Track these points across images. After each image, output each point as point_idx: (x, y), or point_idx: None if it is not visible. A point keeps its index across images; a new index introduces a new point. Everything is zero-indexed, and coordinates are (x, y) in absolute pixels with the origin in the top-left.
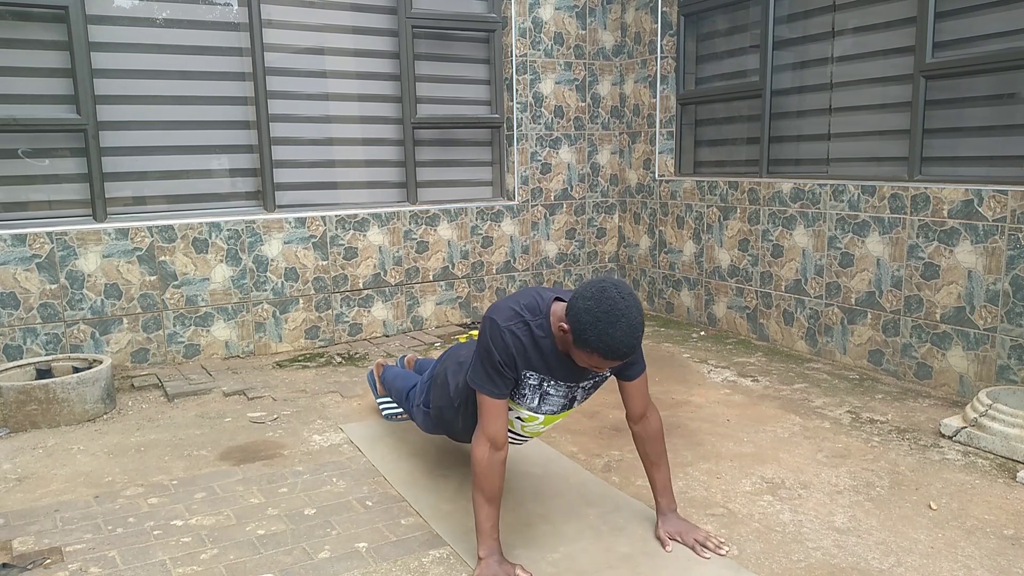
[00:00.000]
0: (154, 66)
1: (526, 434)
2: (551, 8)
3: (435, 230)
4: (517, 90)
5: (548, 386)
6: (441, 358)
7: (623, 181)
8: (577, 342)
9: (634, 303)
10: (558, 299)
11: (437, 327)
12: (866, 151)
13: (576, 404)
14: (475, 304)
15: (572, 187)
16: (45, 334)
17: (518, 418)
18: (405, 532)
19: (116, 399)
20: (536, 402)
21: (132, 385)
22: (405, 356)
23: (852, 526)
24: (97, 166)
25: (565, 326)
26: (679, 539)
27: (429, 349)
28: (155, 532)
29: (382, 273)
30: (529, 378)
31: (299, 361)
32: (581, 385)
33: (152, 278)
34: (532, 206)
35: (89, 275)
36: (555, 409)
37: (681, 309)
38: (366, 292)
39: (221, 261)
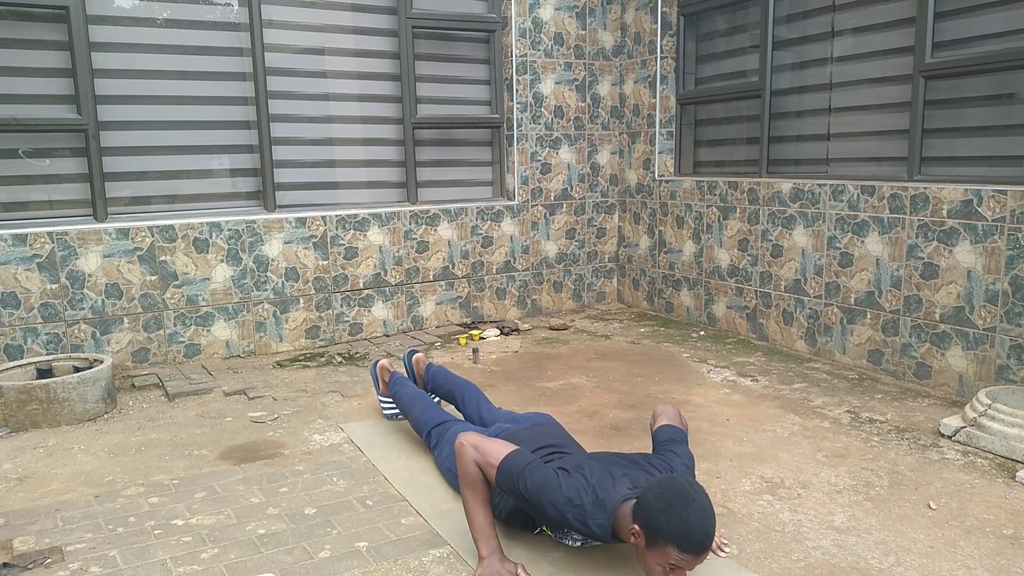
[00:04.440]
0: (155, 66)
1: None
2: (551, 8)
3: (435, 230)
4: (517, 90)
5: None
6: (495, 434)
7: (623, 181)
8: (649, 536)
9: (703, 491)
10: (629, 499)
11: (437, 327)
12: (866, 151)
13: None
14: (475, 304)
15: (572, 187)
16: (46, 334)
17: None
18: (405, 531)
19: (117, 399)
20: (580, 543)
21: (133, 385)
22: (414, 354)
23: (851, 525)
24: (98, 166)
25: (636, 528)
26: None
27: (429, 349)
28: (156, 531)
29: (382, 273)
30: (574, 534)
31: (299, 361)
32: None
33: (153, 278)
34: (532, 206)
35: (90, 275)
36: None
37: (681, 309)
38: (366, 292)
39: (222, 261)
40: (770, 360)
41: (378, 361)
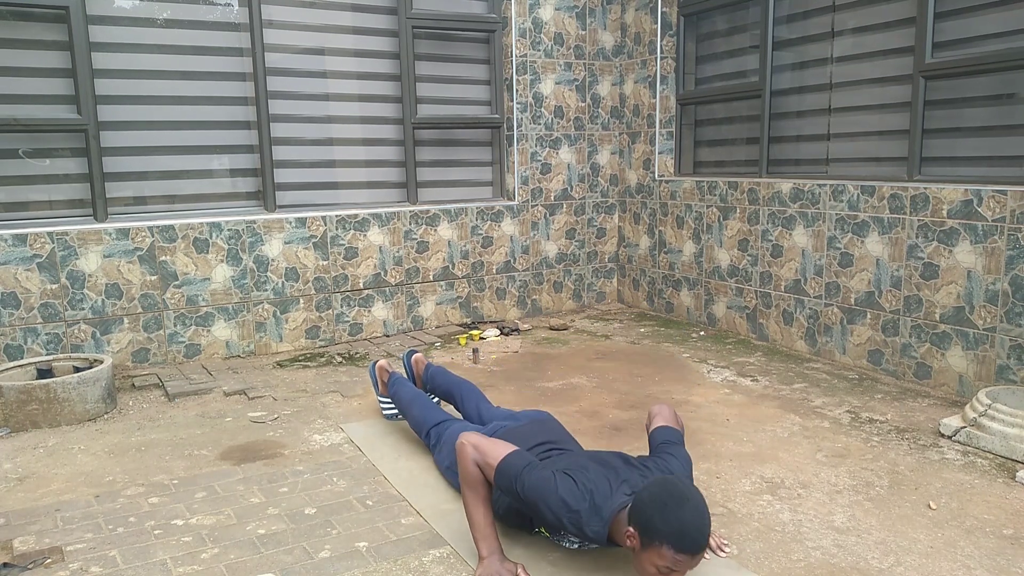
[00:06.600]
0: (155, 66)
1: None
2: (551, 8)
3: (435, 230)
4: (517, 90)
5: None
6: (493, 431)
7: (623, 181)
8: (644, 537)
9: (698, 491)
10: (626, 506)
11: (437, 327)
12: (865, 151)
13: None
14: (475, 304)
15: (572, 187)
16: (46, 334)
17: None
18: (405, 531)
19: (117, 399)
20: (577, 545)
21: (133, 385)
22: (413, 354)
23: (851, 525)
24: (98, 166)
25: (631, 530)
26: None
27: (429, 349)
28: (156, 531)
29: (382, 273)
30: (571, 537)
31: (300, 361)
32: None
33: (153, 278)
34: (532, 206)
35: (90, 275)
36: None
37: (681, 309)
38: (366, 292)
39: (222, 261)
40: (770, 360)
41: (376, 362)
